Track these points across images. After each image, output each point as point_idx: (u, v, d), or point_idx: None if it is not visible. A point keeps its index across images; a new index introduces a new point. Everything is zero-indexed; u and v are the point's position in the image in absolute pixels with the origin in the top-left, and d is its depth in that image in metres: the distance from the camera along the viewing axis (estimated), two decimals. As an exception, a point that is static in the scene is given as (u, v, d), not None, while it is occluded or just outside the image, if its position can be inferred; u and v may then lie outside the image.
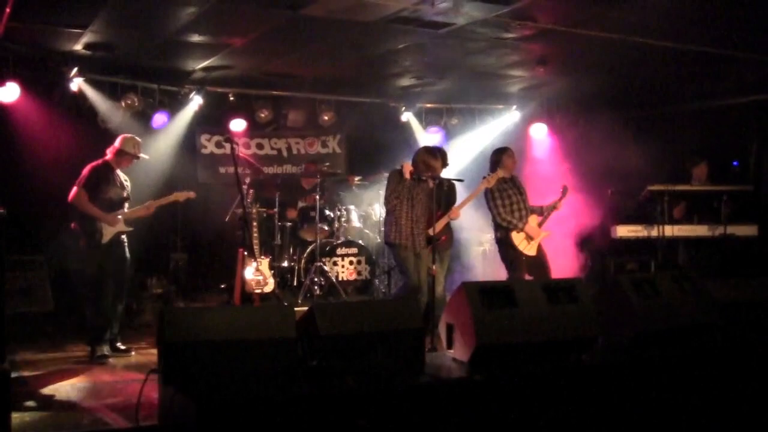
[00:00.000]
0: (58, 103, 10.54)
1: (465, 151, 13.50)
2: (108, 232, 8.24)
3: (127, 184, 8.61)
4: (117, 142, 8.46)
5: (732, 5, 7.98)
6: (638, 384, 6.16)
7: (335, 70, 11.25)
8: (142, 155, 8.61)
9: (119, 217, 8.31)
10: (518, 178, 9.58)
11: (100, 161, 8.39)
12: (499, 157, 9.40)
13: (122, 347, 8.38)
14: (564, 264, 11.32)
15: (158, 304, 10.50)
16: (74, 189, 8.21)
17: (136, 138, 8.62)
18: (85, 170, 8.29)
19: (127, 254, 8.47)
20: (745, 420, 6.24)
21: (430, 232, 8.87)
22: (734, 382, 6.44)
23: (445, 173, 9.30)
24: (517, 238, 9.23)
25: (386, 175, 9.14)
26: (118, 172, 8.52)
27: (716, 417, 6.20)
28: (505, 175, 9.31)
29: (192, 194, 8.95)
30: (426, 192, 8.77)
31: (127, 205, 8.50)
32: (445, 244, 9.09)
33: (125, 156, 8.46)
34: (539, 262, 9.36)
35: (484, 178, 9.14)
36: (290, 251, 12.14)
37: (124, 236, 8.42)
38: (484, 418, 5.55)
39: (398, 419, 5.31)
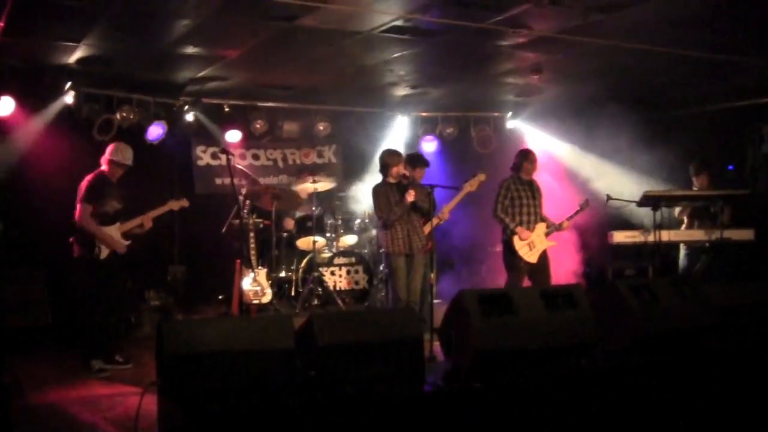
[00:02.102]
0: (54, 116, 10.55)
1: (460, 158, 13.52)
2: (106, 248, 8.20)
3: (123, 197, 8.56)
4: (107, 152, 8.39)
5: (728, 10, 8.00)
6: (638, 389, 6.16)
7: (330, 80, 11.26)
8: (128, 162, 8.51)
9: (115, 231, 8.25)
10: (536, 183, 9.66)
11: (96, 173, 8.33)
12: (519, 160, 9.54)
13: (120, 359, 8.35)
14: (562, 270, 11.34)
15: (156, 317, 10.47)
16: (78, 207, 8.13)
17: (123, 144, 8.56)
18: (83, 184, 8.21)
19: (124, 268, 8.42)
20: (744, 424, 6.23)
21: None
22: (733, 386, 6.44)
23: (432, 180, 9.40)
24: (519, 244, 9.28)
25: None
26: (116, 184, 8.45)
27: (716, 421, 6.20)
28: (524, 177, 9.55)
29: (185, 202, 8.92)
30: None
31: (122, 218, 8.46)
32: (427, 249, 9.20)
33: (116, 166, 8.39)
34: (541, 270, 9.42)
35: (466, 182, 9.27)
36: (287, 261, 12.13)
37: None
38: (484, 426, 5.54)
39: (398, 428, 5.31)
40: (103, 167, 8.37)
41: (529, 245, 9.33)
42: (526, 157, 9.66)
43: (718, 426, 6.18)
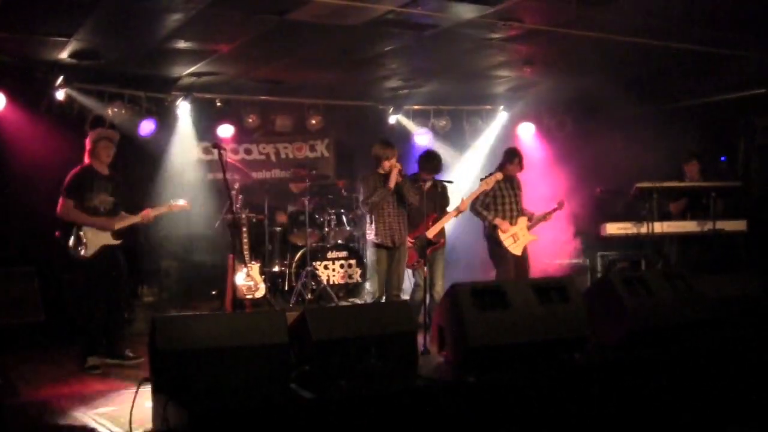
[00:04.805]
0: (45, 111, 10.49)
1: (453, 151, 13.52)
2: (92, 245, 8.01)
3: (121, 186, 8.42)
4: (87, 142, 8.25)
5: (717, 3, 8.00)
6: (631, 382, 6.17)
7: (322, 74, 11.25)
8: (112, 133, 8.41)
9: (112, 223, 8.12)
10: (517, 179, 9.72)
11: (79, 167, 8.19)
12: (505, 160, 9.71)
13: (131, 355, 8.26)
14: (555, 262, 11.36)
15: (149, 313, 10.46)
16: (60, 200, 8.05)
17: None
18: (66, 178, 8.11)
19: (121, 262, 8.27)
20: (738, 416, 6.25)
21: (428, 234, 8.93)
22: (726, 378, 6.45)
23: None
24: (503, 236, 9.37)
25: None
26: (109, 175, 8.31)
27: (709, 414, 6.21)
28: (507, 174, 9.58)
29: (187, 205, 8.78)
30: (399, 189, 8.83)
31: (121, 213, 8.32)
32: (439, 246, 9.18)
33: (99, 144, 8.19)
34: (522, 263, 9.53)
35: (482, 180, 9.25)
36: (280, 256, 12.13)
37: (114, 248, 8.20)
38: (478, 420, 5.55)
39: (392, 422, 5.31)
40: (86, 160, 8.22)
41: (513, 237, 9.45)
42: (511, 158, 9.70)
43: (711, 418, 6.19)
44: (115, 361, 8.17)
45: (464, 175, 12.60)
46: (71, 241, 8.02)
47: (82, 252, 8.01)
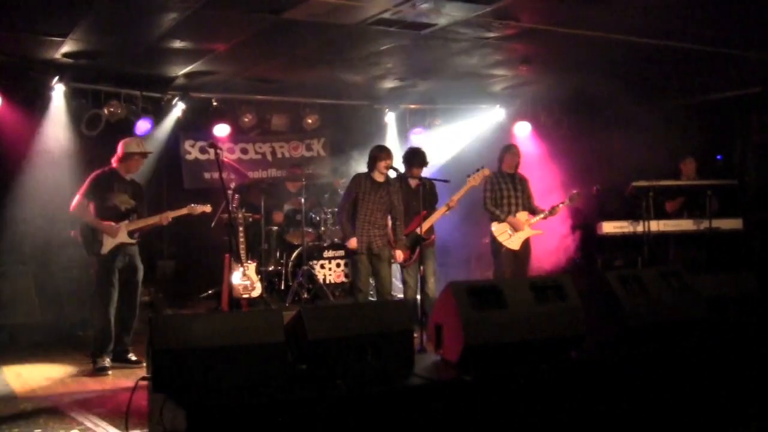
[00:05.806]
0: (41, 110, 10.48)
1: (449, 150, 13.53)
2: (108, 243, 8.08)
3: (140, 192, 8.49)
4: (119, 149, 8.30)
5: (713, 2, 8.01)
6: (627, 380, 6.17)
7: (318, 73, 11.23)
8: (148, 150, 8.54)
9: (121, 227, 8.15)
10: (521, 176, 9.95)
11: (105, 168, 8.28)
12: (501, 153, 9.98)
13: (134, 358, 8.23)
14: (551, 260, 11.36)
15: (146, 312, 10.44)
16: (76, 198, 8.10)
17: (137, 138, 8.56)
18: (88, 178, 8.19)
19: (138, 264, 8.34)
20: (732, 414, 6.26)
21: (418, 231, 8.94)
22: (722, 377, 6.46)
23: (426, 172, 9.40)
24: (498, 231, 9.48)
25: None
26: (130, 179, 8.39)
27: (704, 412, 6.22)
28: (506, 170, 9.85)
29: (208, 208, 8.90)
30: (388, 193, 8.84)
31: (135, 215, 8.34)
32: (429, 243, 9.21)
33: (132, 158, 8.31)
34: (521, 258, 9.60)
35: (469, 176, 9.30)
36: (277, 255, 12.12)
37: (131, 247, 8.28)
38: (475, 419, 5.55)
39: (389, 421, 5.31)
40: (114, 164, 8.31)
41: (509, 232, 9.51)
42: (505, 151, 10.00)
43: (706, 417, 6.20)
44: (116, 364, 8.14)
45: (460, 174, 12.58)
46: (88, 239, 8.07)
47: (100, 249, 8.07)
